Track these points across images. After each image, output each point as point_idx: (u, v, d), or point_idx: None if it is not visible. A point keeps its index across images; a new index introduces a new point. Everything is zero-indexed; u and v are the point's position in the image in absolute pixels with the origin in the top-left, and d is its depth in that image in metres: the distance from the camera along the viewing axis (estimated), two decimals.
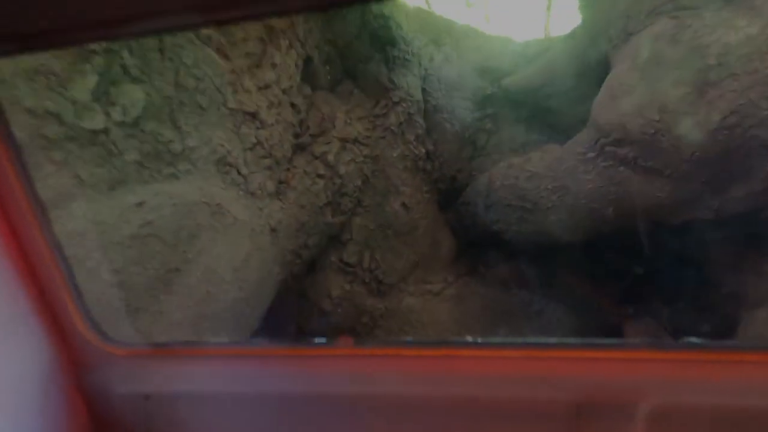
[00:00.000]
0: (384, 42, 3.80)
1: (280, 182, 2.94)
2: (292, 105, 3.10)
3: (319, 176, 3.23)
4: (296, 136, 3.17)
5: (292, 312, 3.58)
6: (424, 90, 4.15)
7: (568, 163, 2.73)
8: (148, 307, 1.86)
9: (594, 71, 2.98)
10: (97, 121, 1.86)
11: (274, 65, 2.89)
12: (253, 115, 2.65)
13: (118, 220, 1.87)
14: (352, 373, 1.23)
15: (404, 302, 4.03)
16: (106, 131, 1.91)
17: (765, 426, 1.01)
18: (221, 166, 2.40)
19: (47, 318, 1.26)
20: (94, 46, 1.80)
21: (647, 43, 2.13)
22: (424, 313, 4.05)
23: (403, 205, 3.92)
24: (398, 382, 1.19)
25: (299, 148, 3.21)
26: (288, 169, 3.05)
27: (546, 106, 3.78)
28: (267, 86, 2.81)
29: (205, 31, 2.32)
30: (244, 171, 2.53)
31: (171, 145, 2.15)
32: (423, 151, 4.07)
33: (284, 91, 2.99)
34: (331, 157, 3.32)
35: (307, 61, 3.35)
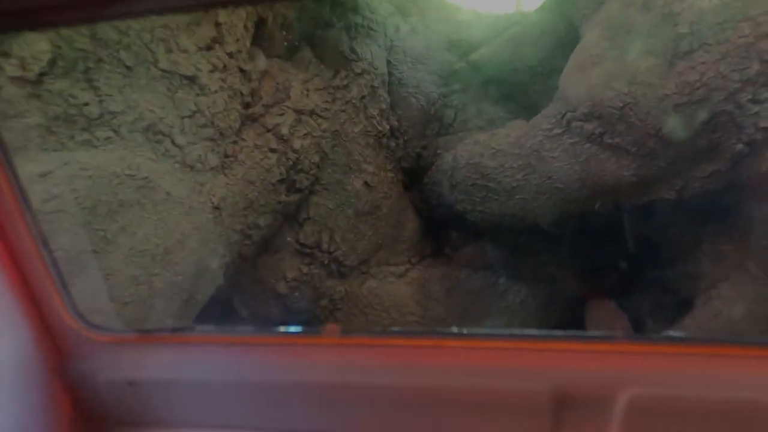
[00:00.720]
0: (346, 8, 3.53)
1: (226, 156, 2.68)
2: (241, 71, 2.82)
3: (272, 150, 2.98)
4: (246, 106, 2.89)
5: (243, 296, 3.36)
6: (388, 62, 3.92)
7: (534, 140, 2.60)
8: None
9: (564, 45, 2.84)
10: None
11: (217, 24, 2.59)
12: (192, 79, 2.36)
13: None
14: (338, 362, 1.22)
15: (366, 285, 3.88)
16: None
17: (739, 416, 1.04)
18: (151, 134, 2.12)
19: (30, 305, 1.23)
20: None
21: (617, 10, 1.99)
22: (386, 296, 3.93)
23: (365, 183, 3.72)
24: (383, 372, 1.19)
25: (249, 120, 2.93)
26: (235, 142, 2.79)
27: (515, 82, 3.63)
28: (209, 47, 2.52)
29: None
30: (180, 141, 2.26)
31: (86, 108, 1.86)
32: (387, 127, 3.86)
33: (231, 55, 2.70)
34: (285, 130, 3.07)
35: (260, 24, 3.05)
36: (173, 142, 2.22)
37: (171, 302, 2.12)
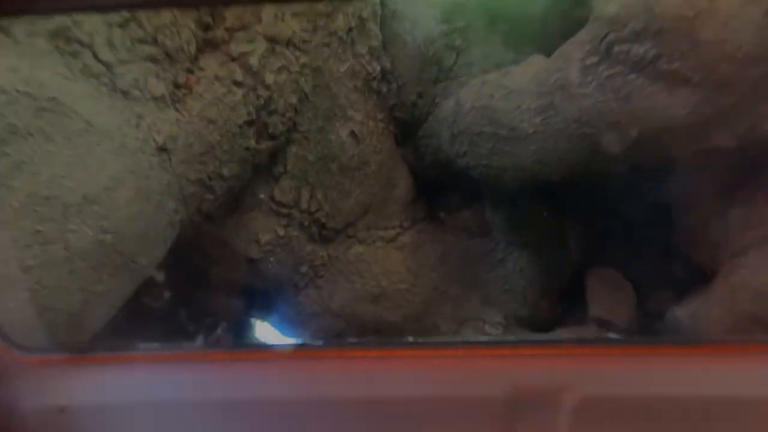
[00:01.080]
0: None
1: (177, 86, 2.13)
2: None
3: (237, 84, 2.43)
4: (204, 27, 2.31)
5: (207, 261, 2.89)
6: None
7: (560, 74, 2.11)
8: None
9: None
10: None
11: None
12: None
13: None
14: (294, 377, 1.20)
15: (352, 250, 3.44)
16: None
17: (684, 413, 1.09)
18: (62, 42, 1.56)
19: None
20: None
21: None
22: (374, 263, 3.51)
23: (352, 133, 3.20)
24: (339, 384, 1.19)
25: (209, 45, 2.36)
26: (190, 71, 2.23)
27: (530, 16, 3.09)
28: None
29: None
30: (106, 57, 1.70)
31: None
32: (377, 68, 3.31)
33: None
34: (254, 61, 2.50)
35: None
36: (96, 57, 1.67)
37: (100, 267, 1.63)
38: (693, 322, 3.12)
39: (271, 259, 3.08)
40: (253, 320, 3.77)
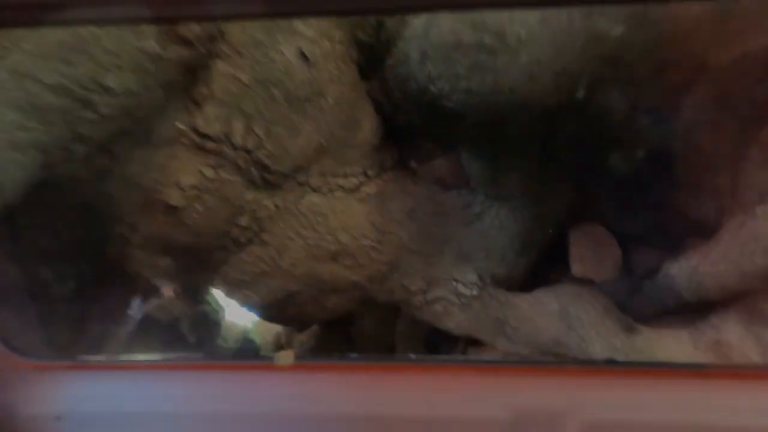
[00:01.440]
0: None
1: None
2: None
3: None
4: None
5: (115, 210, 2.27)
6: None
7: None
8: None
9: None
10: None
11: None
12: None
13: None
14: (292, 391, 1.22)
15: (304, 200, 2.88)
16: None
17: None
18: None
19: None
20: None
21: None
22: (332, 215, 2.97)
23: (301, 54, 2.54)
24: (339, 401, 1.20)
25: None
26: None
27: None
28: None
29: None
30: None
31: None
32: None
33: None
34: None
35: None
36: None
37: None
38: (690, 279, 2.76)
39: (198, 207, 2.49)
40: (190, 283, 3.20)
